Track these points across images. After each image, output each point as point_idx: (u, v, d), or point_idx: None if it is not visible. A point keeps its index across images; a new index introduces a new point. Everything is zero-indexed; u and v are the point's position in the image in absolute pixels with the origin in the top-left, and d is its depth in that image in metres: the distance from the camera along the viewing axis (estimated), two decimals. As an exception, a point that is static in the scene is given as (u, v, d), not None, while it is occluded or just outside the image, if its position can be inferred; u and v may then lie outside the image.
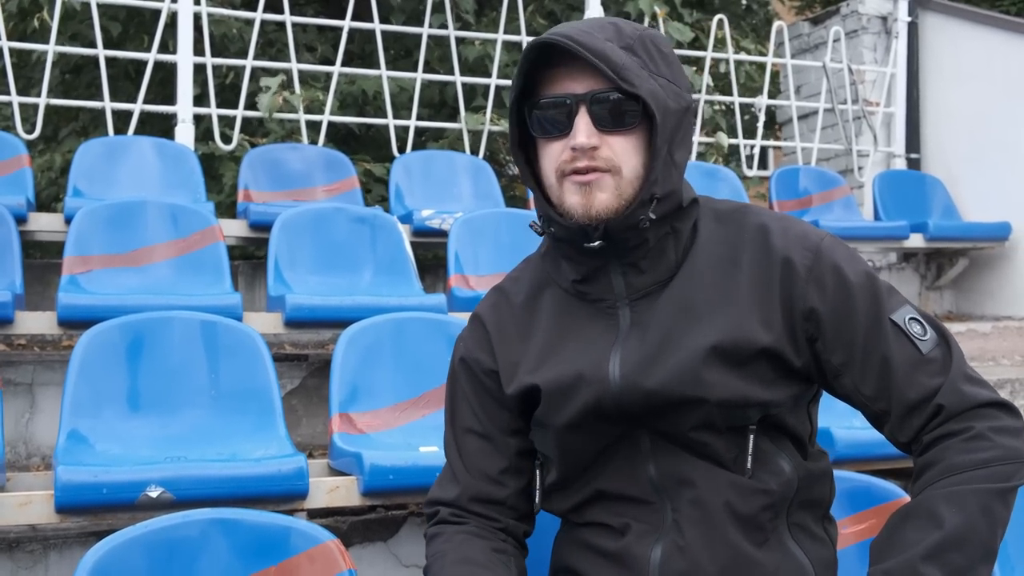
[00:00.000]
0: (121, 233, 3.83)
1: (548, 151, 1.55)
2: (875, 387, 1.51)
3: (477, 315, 1.72)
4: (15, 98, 4.93)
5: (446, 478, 1.70)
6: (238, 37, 6.32)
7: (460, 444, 1.69)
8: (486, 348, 1.67)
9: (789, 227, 1.58)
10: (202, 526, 1.77)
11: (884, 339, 1.50)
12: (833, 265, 1.53)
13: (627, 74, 1.47)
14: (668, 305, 1.55)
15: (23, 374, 3.56)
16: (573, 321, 1.61)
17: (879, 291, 1.54)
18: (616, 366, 1.54)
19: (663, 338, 1.54)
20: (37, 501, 2.50)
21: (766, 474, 1.54)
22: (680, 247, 1.58)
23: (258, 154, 5.11)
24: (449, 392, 1.73)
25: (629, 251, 1.55)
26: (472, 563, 1.58)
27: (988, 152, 6.12)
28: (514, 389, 1.62)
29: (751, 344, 1.51)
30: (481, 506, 1.66)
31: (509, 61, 6.17)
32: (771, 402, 1.53)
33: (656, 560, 1.53)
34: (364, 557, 3.05)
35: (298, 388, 3.88)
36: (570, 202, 1.52)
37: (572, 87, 1.51)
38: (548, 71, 1.53)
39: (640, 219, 1.51)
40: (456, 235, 4.21)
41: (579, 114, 1.50)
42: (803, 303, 1.52)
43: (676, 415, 1.53)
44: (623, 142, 1.51)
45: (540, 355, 1.61)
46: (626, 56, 1.49)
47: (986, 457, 1.44)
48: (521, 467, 1.67)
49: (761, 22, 8.92)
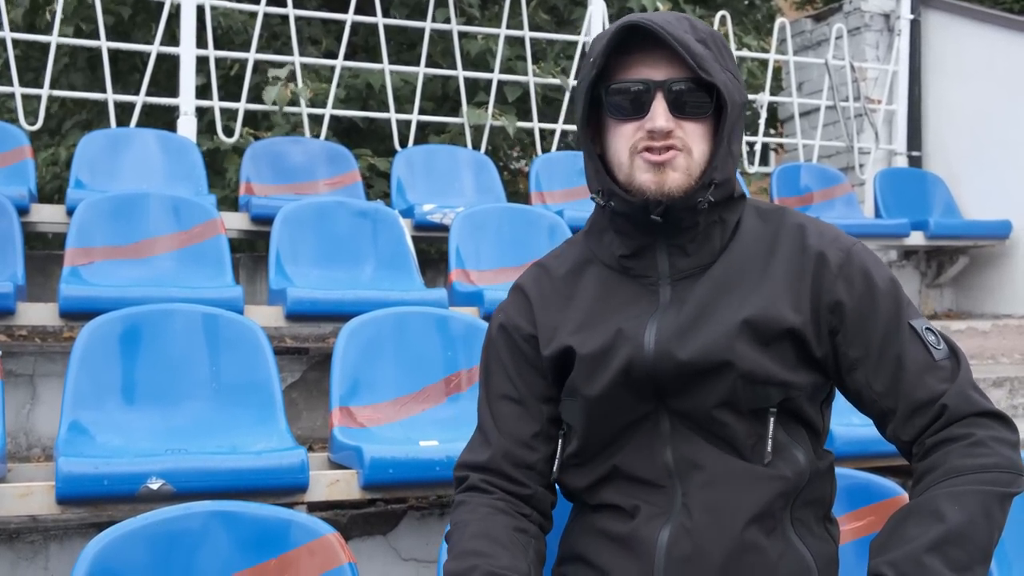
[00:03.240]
0: (123, 225, 3.84)
1: (621, 131, 1.62)
2: (886, 384, 1.58)
3: (518, 286, 1.77)
4: (17, 89, 4.94)
5: (477, 442, 1.74)
6: (242, 30, 6.31)
7: (495, 409, 1.73)
8: (526, 315, 1.73)
9: (825, 230, 1.67)
10: (203, 518, 1.78)
11: (901, 340, 1.58)
12: (862, 266, 1.62)
13: (706, 64, 1.57)
14: (706, 285, 1.63)
15: (24, 365, 3.57)
16: (615, 295, 1.67)
17: (901, 298, 1.62)
18: (652, 335, 1.60)
19: (699, 312, 1.60)
20: (38, 492, 2.51)
21: (782, 462, 1.58)
22: (725, 236, 1.66)
23: (260, 147, 5.11)
24: (484, 360, 1.77)
25: (680, 232, 1.63)
26: (492, 540, 1.60)
27: (989, 150, 6.12)
28: (552, 351, 1.67)
29: (779, 323, 1.58)
30: (512, 468, 1.68)
31: (511, 56, 6.17)
32: (792, 384, 1.58)
33: (663, 542, 1.56)
34: (363, 550, 3.06)
35: (298, 381, 3.89)
36: (641, 179, 1.59)
37: (650, 73, 1.59)
38: (623, 56, 1.61)
39: (699, 201, 1.60)
40: (457, 230, 4.21)
41: (656, 99, 1.58)
42: (831, 296, 1.59)
43: (702, 388, 1.58)
44: (694, 128, 1.60)
45: (581, 321, 1.67)
46: (702, 48, 1.58)
47: (986, 463, 1.49)
48: (552, 434, 1.71)
49: (764, 18, 8.91)
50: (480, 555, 1.57)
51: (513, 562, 1.57)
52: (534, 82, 5.80)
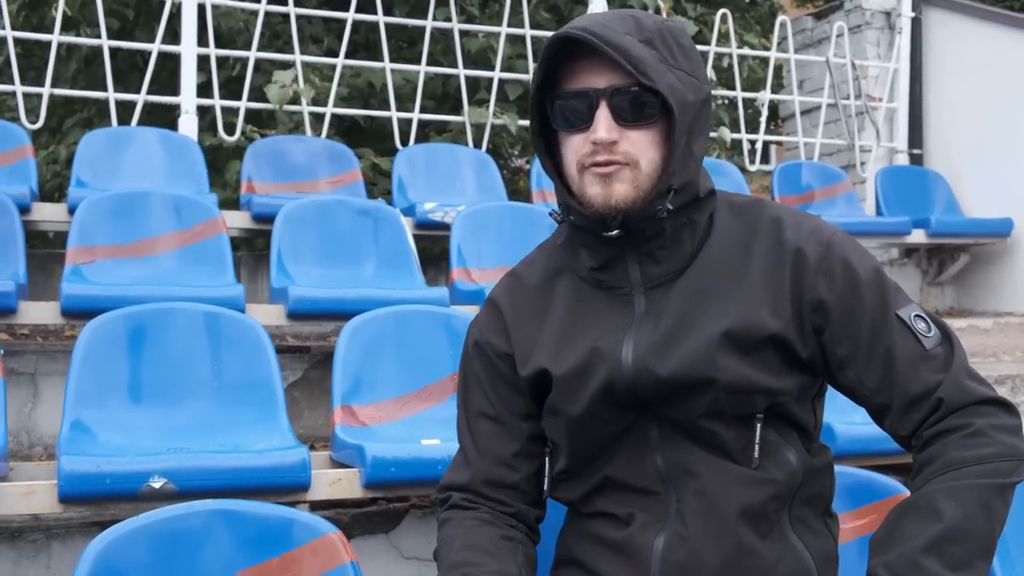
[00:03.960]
0: (124, 224, 3.84)
1: (569, 143, 1.57)
2: (878, 380, 1.54)
3: (492, 299, 1.73)
4: (19, 87, 4.94)
5: (458, 463, 1.72)
6: (244, 29, 6.31)
7: (473, 428, 1.70)
8: (501, 332, 1.69)
9: (802, 221, 1.61)
10: (205, 517, 1.78)
11: (889, 333, 1.53)
12: (843, 258, 1.56)
13: (646, 68, 1.49)
14: (682, 293, 1.58)
15: (26, 364, 3.57)
16: (589, 307, 1.63)
17: (887, 287, 1.56)
18: (629, 351, 1.57)
19: (676, 324, 1.56)
20: (40, 491, 2.51)
21: (772, 465, 1.56)
22: (696, 238, 1.60)
23: (262, 146, 5.11)
24: (462, 376, 1.74)
25: (646, 241, 1.58)
26: (479, 549, 1.59)
27: (990, 148, 6.12)
28: (528, 372, 1.64)
29: (760, 331, 1.53)
30: (493, 490, 1.67)
31: (513, 54, 6.17)
32: (778, 390, 1.55)
33: (659, 550, 1.54)
34: (365, 549, 3.06)
35: (300, 380, 3.89)
36: (590, 192, 1.54)
37: (593, 81, 1.53)
38: (569, 64, 1.55)
39: (658, 209, 1.54)
40: (459, 228, 4.22)
41: (599, 108, 1.52)
42: (812, 294, 1.54)
43: (686, 401, 1.54)
44: (642, 135, 1.53)
45: (555, 340, 1.63)
46: (645, 50, 1.51)
47: (985, 453, 1.46)
48: (533, 451, 1.69)
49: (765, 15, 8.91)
50: (469, 565, 1.56)
51: (502, 567, 1.57)
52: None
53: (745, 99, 6.23)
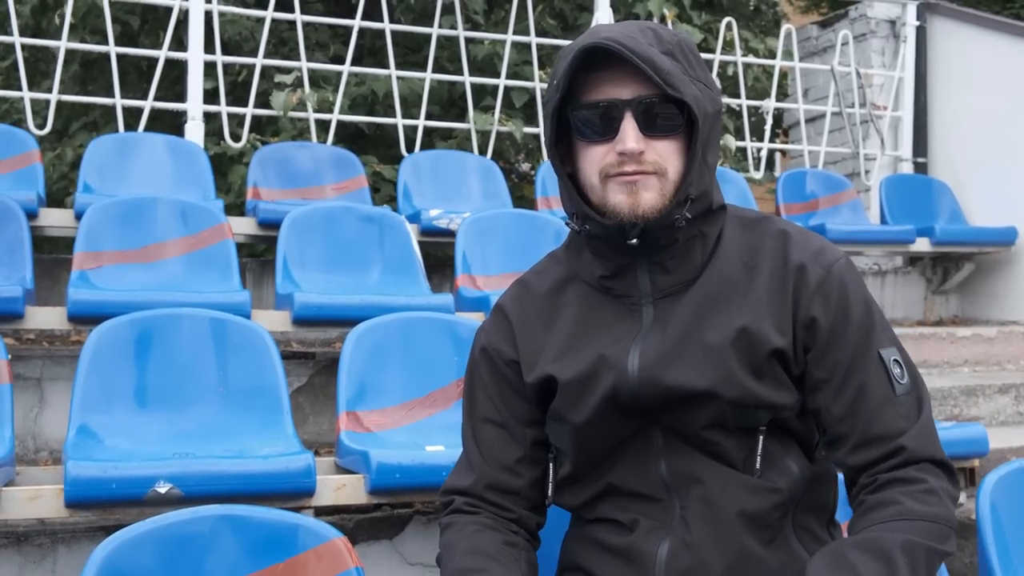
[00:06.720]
0: (131, 229, 3.85)
1: (591, 153, 1.57)
2: (844, 410, 1.56)
3: (500, 306, 1.74)
4: (27, 94, 4.96)
5: (462, 467, 1.73)
6: (250, 36, 6.33)
7: (477, 433, 1.71)
8: (508, 338, 1.70)
9: (808, 241, 1.62)
10: (211, 522, 1.78)
11: (866, 368, 1.56)
12: (841, 286, 1.58)
13: (672, 80, 1.51)
14: (690, 305, 1.59)
15: (32, 369, 3.58)
16: (597, 316, 1.64)
17: (875, 322, 1.59)
18: (635, 359, 1.58)
19: (682, 335, 1.57)
20: (46, 495, 2.52)
21: (775, 473, 1.57)
22: (706, 250, 1.62)
23: (267, 152, 5.12)
24: (468, 381, 1.75)
25: (659, 251, 1.59)
26: (482, 554, 1.60)
27: (995, 157, 6.12)
28: (534, 378, 1.65)
29: (765, 346, 1.55)
30: (496, 495, 1.68)
31: (518, 61, 6.18)
32: (780, 405, 1.56)
33: (663, 556, 1.55)
34: (370, 555, 3.07)
35: (305, 386, 3.90)
36: (615, 201, 1.55)
37: (617, 92, 1.54)
38: (589, 74, 1.56)
39: (676, 218, 1.55)
40: (464, 235, 4.22)
41: (625, 119, 1.53)
42: (807, 312, 1.56)
43: (690, 411, 1.56)
44: (667, 145, 1.55)
45: (562, 347, 1.64)
46: (668, 61, 1.53)
47: (935, 512, 1.49)
48: (537, 457, 1.70)
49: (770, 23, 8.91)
50: (473, 571, 1.57)
51: (506, 572, 1.58)
52: (540, 87, 5.80)
53: (750, 107, 6.24)
